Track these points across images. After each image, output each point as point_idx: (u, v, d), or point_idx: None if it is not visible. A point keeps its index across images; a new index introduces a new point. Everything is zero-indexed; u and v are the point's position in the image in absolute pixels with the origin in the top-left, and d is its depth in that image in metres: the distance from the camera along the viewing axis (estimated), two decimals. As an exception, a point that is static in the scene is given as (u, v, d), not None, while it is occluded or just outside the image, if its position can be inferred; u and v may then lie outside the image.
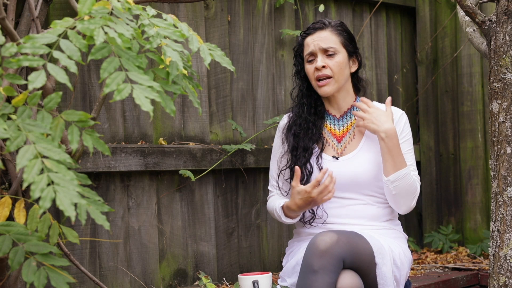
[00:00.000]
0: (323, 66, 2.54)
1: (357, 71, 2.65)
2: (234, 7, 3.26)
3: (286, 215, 2.55)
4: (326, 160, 2.57)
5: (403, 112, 2.64)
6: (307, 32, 2.61)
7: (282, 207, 2.54)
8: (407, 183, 2.47)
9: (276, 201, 2.59)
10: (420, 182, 2.57)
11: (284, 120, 2.69)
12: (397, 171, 2.46)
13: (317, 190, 2.39)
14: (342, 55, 2.57)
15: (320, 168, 2.53)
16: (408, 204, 2.52)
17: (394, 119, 2.57)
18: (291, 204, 2.47)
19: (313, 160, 2.57)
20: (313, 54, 2.57)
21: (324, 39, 2.56)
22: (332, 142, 2.61)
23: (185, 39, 1.82)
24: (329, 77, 2.54)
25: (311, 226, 2.57)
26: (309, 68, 2.58)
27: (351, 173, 2.53)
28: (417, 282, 3.17)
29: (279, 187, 2.65)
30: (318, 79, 2.55)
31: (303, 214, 2.59)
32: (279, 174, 2.65)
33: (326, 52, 2.56)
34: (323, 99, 2.65)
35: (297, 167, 2.45)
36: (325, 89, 2.56)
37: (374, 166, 2.54)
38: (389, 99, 2.56)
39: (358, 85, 2.67)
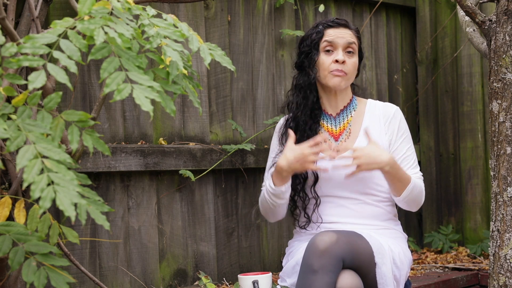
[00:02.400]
0: (343, 62, 2.54)
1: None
2: (234, 7, 3.26)
3: (274, 183, 2.48)
4: (323, 160, 2.57)
5: (397, 108, 2.65)
6: (330, 25, 2.59)
7: (272, 174, 2.49)
8: (415, 192, 2.53)
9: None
10: (422, 178, 2.61)
11: (281, 122, 2.69)
12: (405, 188, 2.50)
13: (310, 149, 2.39)
14: (357, 57, 2.60)
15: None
16: (418, 204, 2.59)
17: (388, 117, 2.61)
18: (280, 160, 2.43)
19: None
20: (333, 46, 2.57)
21: (348, 36, 2.57)
22: (330, 141, 2.61)
23: (185, 39, 1.82)
24: (344, 73, 2.55)
25: (307, 230, 2.58)
26: (325, 59, 2.56)
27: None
28: (417, 282, 3.17)
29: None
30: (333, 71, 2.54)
31: (298, 219, 2.60)
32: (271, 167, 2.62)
33: (347, 49, 2.56)
34: (321, 97, 2.63)
35: (290, 130, 2.49)
36: (338, 81, 2.54)
37: None
38: (365, 129, 2.51)
39: (354, 90, 2.70)
